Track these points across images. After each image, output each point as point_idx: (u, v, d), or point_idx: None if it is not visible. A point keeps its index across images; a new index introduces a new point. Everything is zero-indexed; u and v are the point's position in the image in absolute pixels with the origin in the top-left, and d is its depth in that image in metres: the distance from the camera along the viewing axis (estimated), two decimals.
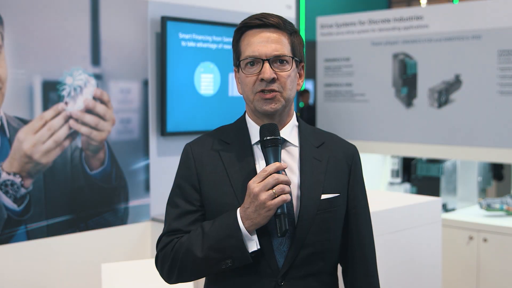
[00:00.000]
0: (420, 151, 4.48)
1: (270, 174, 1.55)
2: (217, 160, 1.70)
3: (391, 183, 4.97)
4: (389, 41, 4.62)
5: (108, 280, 2.68)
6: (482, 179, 4.63)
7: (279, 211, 1.55)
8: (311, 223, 1.63)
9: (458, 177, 4.48)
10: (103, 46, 3.16)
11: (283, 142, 1.69)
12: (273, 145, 1.61)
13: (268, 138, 1.61)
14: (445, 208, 4.34)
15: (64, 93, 3.02)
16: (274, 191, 1.54)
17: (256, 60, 1.65)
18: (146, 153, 3.36)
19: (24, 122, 2.89)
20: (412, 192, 4.57)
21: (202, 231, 1.62)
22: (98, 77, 3.14)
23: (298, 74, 1.73)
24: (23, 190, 2.88)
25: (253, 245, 1.59)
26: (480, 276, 4.01)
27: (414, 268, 3.00)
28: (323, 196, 1.66)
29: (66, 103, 3.02)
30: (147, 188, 3.36)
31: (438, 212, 3.24)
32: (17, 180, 2.86)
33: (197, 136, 3.67)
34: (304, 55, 1.78)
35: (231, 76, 3.66)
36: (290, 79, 1.66)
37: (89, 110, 3.10)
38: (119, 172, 3.24)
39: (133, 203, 3.31)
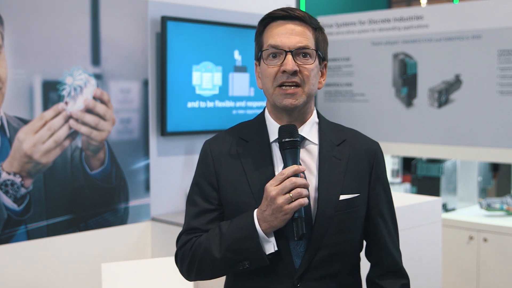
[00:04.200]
0: (420, 151, 4.48)
1: (288, 177, 1.52)
2: (236, 158, 1.67)
3: (391, 183, 4.98)
4: (389, 41, 4.62)
5: (108, 280, 2.68)
6: (482, 179, 4.63)
7: (296, 214, 1.53)
8: (329, 224, 1.60)
9: (458, 177, 4.48)
10: (103, 46, 3.16)
11: (302, 140, 1.66)
12: (291, 147, 1.58)
13: (286, 140, 1.58)
14: (445, 208, 4.34)
15: (64, 93, 3.02)
16: (291, 195, 1.51)
17: (279, 52, 1.60)
18: (146, 153, 3.36)
19: (24, 122, 2.89)
20: (412, 192, 4.57)
21: (220, 232, 1.61)
22: (98, 77, 3.14)
23: (320, 72, 1.68)
24: (23, 190, 2.88)
25: (270, 247, 1.57)
26: (480, 276, 4.01)
27: (414, 268, 3.00)
28: (342, 197, 1.62)
29: (66, 103, 3.02)
30: (147, 188, 3.36)
31: (438, 212, 3.24)
32: (17, 180, 2.86)
33: (197, 136, 3.68)
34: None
35: (231, 76, 3.66)
36: (313, 73, 1.62)
37: (89, 110, 3.10)
38: (119, 172, 3.24)
39: (133, 203, 3.31)
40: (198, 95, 3.51)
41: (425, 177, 4.48)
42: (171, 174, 3.48)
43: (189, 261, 1.66)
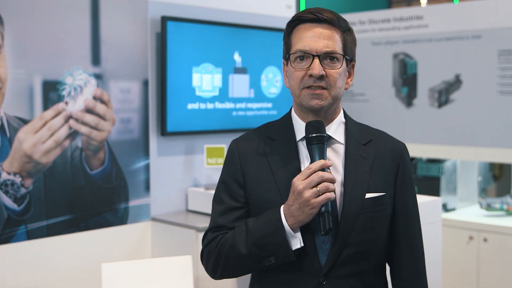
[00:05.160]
0: (420, 151, 4.48)
1: (315, 172, 1.54)
2: (262, 156, 1.69)
3: None
4: (389, 41, 4.62)
5: (108, 280, 2.68)
6: (482, 179, 4.63)
7: (323, 209, 1.54)
8: (355, 222, 1.61)
9: (458, 177, 4.48)
10: (103, 46, 3.16)
11: (329, 139, 1.67)
12: (318, 143, 1.59)
13: (313, 135, 1.60)
14: (445, 208, 4.34)
15: (64, 93, 3.02)
16: (318, 188, 1.52)
17: (306, 55, 1.62)
18: (146, 153, 3.36)
19: (24, 122, 2.89)
20: None
21: (246, 228, 1.62)
22: (98, 77, 3.14)
23: (347, 73, 1.70)
24: (23, 190, 2.88)
25: (297, 242, 1.58)
26: (480, 276, 4.01)
27: None
28: (368, 195, 1.63)
29: (66, 103, 3.02)
30: (147, 188, 3.37)
31: (438, 212, 3.24)
32: (17, 180, 2.86)
33: (197, 136, 3.68)
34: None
35: (231, 77, 3.66)
36: (340, 77, 1.64)
37: (89, 110, 3.10)
38: (119, 172, 3.24)
39: (133, 203, 3.31)
40: (198, 96, 3.51)
41: (425, 177, 4.48)
42: (171, 174, 3.48)
43: (215, 258, 1.67)
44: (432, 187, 4.40)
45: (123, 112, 3.25)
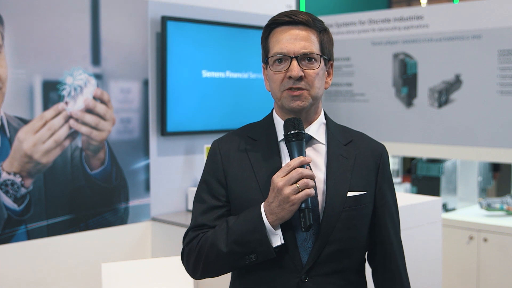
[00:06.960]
0: (420, 151, 4.48)
1: (294, 168, 1.55)
2: (244, 156, 1.70)
3: None
4: (389, 41, 4.62)
5: (108, 280, 2.68)
6: (482, 179, 4.63)
7: (303, 205, 1.55)
8: (336, 220, 1.62)
9: (458, 177, 4.48)
10: (103, 46, 3.16)
11: (310, 139, 1.69)
12: (297, 139, 1.61)
13: (292, 132, 1.61)
14: (445, 208, 4.34)
15: (65, 92, 3.02)
16: (298, 185, 1.53)
17: (284, 58, 1.64)
18: (146, 153, 3.36)
19: (24, 122, 2.89)
20: (412, 192, 4.57)
21: (227, 226, 1.62)
22: (98, 77, 3.14)
23: (326, 72, 1.72)
24: (23, 190, 2.88)
25: (277, 239, 1.59)
26: (480, 276, 4.01)
27: (414, 268, 3.00)
28: (349, 194, 1.65)
29: (66, 103, 3.02)
30: (147, 188, 3.36)
31: (438, 212, 3.24)
32: (17, 180, 2.86)
33: (197, 136, 3.68)
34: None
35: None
36: (318, 77, 1.65)
37: (89, 110, 3.10)
38: (119, 172, 3.24)
39: (133, 203, 3.31)
40: (199, 94, 3.51)
41: (425, 177, 4.48)
42: (171, 174, 3.48)
43: (195, 257, 1.67)
44: (432, 187, 4.40)
45: (123, 112, 3.25)
